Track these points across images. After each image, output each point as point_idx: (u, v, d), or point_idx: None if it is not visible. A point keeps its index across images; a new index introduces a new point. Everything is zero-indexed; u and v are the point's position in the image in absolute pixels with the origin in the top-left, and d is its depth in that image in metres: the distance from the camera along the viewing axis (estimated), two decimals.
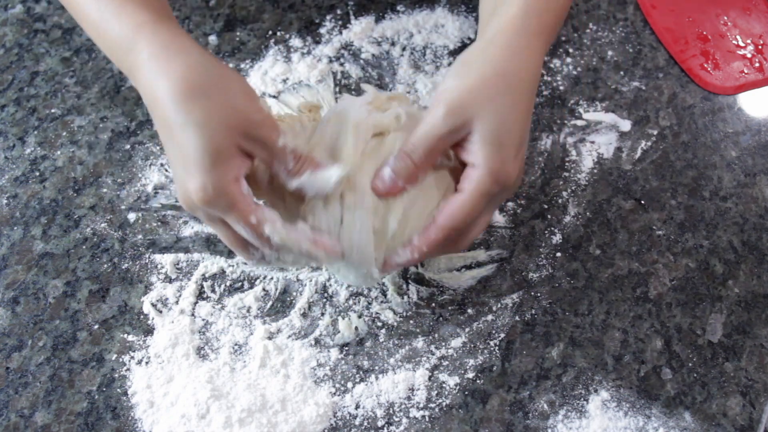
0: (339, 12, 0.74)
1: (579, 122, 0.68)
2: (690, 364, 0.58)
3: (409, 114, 0.52)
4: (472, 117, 0.47)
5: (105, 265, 0.62)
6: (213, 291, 0.60)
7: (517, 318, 0.59)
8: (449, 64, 0.71)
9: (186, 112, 0.44)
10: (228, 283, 0.61)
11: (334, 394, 0.56)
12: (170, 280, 0.61)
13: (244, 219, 0.46)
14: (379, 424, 0.55)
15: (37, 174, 0.66)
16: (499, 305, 0.60)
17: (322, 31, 0.73)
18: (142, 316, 0.59)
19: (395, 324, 0.59)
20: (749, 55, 0.72)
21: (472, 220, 0.49)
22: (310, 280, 0.61)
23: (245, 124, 0.46)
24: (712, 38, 0.73)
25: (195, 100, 0.45)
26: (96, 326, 0.59)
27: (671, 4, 0.75)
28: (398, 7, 0.74)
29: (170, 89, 0.45)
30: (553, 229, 0.63)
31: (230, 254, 0.62)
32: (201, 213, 0.47)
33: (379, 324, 0.59)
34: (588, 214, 0.64)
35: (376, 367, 0.57)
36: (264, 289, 0.60)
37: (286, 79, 0.70)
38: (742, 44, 0.72)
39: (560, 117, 0.68)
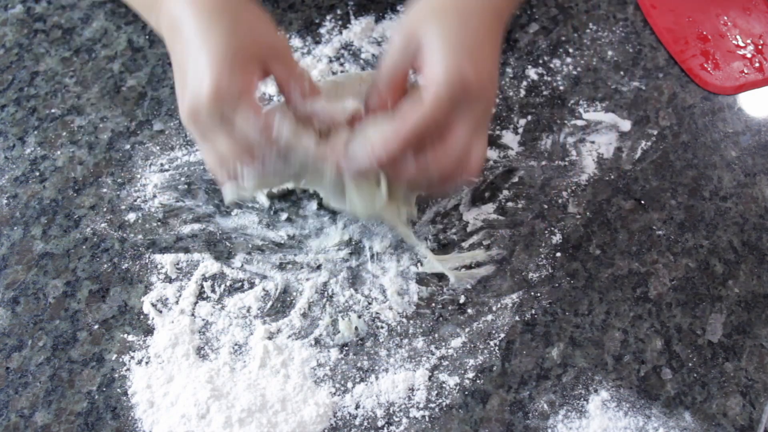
0: (339, 12, 0.74)
1: (579, 122, 0.68)
2: (690, 364, 0.58)
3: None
4: (419, 31, 0.49)
5: (105, 265, 0.62)
6: (213, 291, 0.60)
7: (517, 318, 0.59)
8: None
9: (214, 21, 0.48)
10: (228, 283, 0.61)
11: (334, 394, 0.56)
12: (170, 280, 0.61)
13: (256, 113, 0.47)
14: (379, 424, 0.55)
15: (37, 174, 0.66)
16: (499, 305, 0.60)
17: (322, 31, 0.73)
18: (142, 316, 0.59)
19: (395, 324, 0.59)
20: (749, 55, 0.72)
21: (435, 128, 0.48)
22: (309, 280, 0.61)
23: (270, 40, 0.49)
24: (712, 38, 0.73)
25: (224, 13, 0.48)
26: (96, 326, 0.59)
27: (671, 4, 0.75)
28: (398, 7, 0.74)
29: (197, 6, 0.49)
30: (553, 229, 0.63)
31: (229, 256, 0.62)
32: (204, 120, 0.48)
33: (379, 324, 0.59)
34: (588, 214, 0.64)
35: (376, 367, 0.57)
36: (264, 289, 0.60)
37: None
38: (742, 44, 0.72)
39: (560, 117, 0.68)
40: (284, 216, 0.63)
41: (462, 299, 0.60)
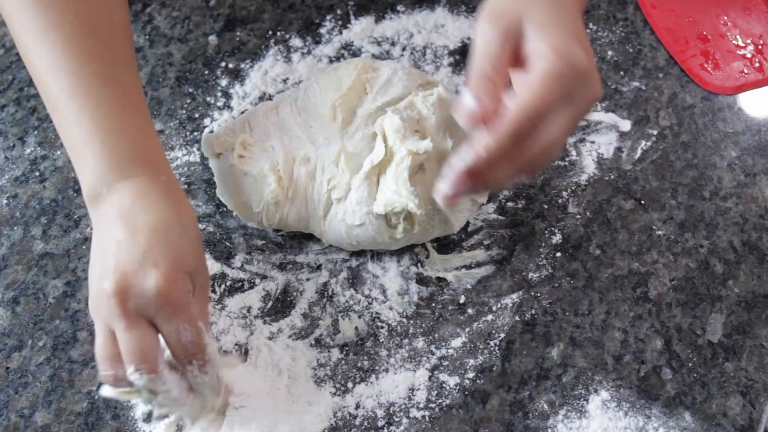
0: (339, 12, 0.74)
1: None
2: (690, 364, 0.58)
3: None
4: (519, 14, 0.45)
5: None
6: (213, 291, 0.60)
7: (517, 318, 0.59)
8: (449, 64, 0.71)
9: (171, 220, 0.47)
10: (229, 284, 0.61)
11: (335, 394, 0.56)
12: None
13: (194, 321, 0.47)
14: (379, 424, 0.55)
15: (37, 174, 0.66)
16: (499, 305, 0.60)
17: (322, 31, 0.73)
18: None
19: (395, 324, 0.59)
20: (749, 55, 0.72)
21: (546, 110, 0.43)
22: (309, 281, 0.61)
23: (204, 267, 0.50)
24: (712, 38, 0.73)
25: (181, 222, 0.48)
26: None
27: (671, 4, 0.75)
28: (398, 7, 0.74)
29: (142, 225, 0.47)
30: (553, 229, 0.63)
31: (229, 256, 0.62)
32: (129, 306, 0.45)
33: (380, 324, 0.59)
34: (588, 214, 0.64)
35: (377, 367, 0.57)
36: (264, 290, 0.60)
37: (286, 79, 0.70)
38: (742, 44, 0.73)
39: None
40: None
41: (462, 299, 0.60)
